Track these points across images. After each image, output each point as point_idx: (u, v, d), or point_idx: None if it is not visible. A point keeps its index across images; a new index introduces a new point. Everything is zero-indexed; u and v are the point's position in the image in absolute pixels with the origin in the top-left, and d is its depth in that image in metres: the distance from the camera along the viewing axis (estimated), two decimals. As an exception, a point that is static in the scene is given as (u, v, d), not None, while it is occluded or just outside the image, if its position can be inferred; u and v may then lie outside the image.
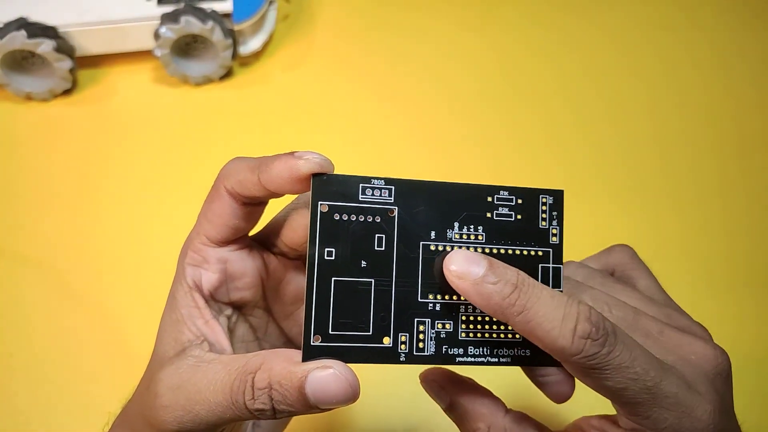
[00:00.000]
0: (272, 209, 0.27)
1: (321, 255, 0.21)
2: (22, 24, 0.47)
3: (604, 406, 0.24)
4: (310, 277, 0.21)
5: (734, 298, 0.44)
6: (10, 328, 0.42)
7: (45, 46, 0.47)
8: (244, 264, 0.25)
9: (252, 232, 0.26)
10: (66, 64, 0.49)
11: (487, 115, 0.53)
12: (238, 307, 0.26)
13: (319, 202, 0.22)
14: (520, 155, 0.51)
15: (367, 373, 0.22)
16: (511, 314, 0.21)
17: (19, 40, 0.47)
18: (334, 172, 0.22)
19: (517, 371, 0.25)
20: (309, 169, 0.21)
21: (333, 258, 0.21)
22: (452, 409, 0.25)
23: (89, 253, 0.45)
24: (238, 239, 0.25)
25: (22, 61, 0.49)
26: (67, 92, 0.51)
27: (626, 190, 0.49)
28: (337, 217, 0.22)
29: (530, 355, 0.23)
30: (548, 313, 0.20)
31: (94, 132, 0.50)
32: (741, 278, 0.45)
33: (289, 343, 0.28)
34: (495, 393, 0.25)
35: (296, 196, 0.26)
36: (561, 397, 0.25)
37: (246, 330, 0.27)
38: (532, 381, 0.25)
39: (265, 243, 0.26)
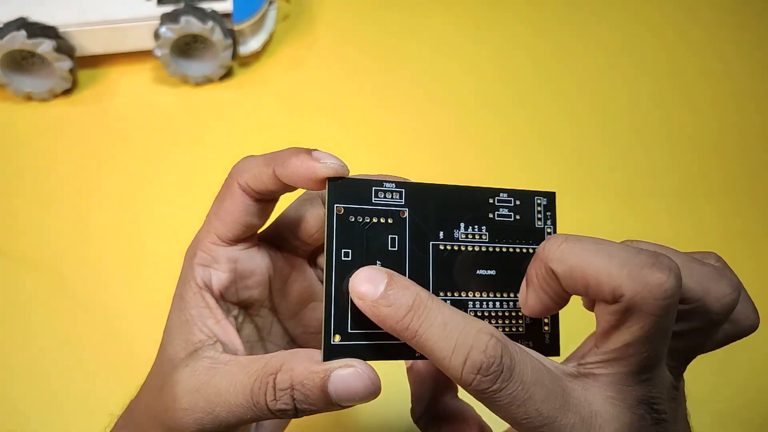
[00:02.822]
0: (278, 209, 0.27)
1: (338, 256, 0.22)
2: (22, 24, 0.47)
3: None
4: (329, 278, 0.22)
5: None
6: (10, 328, 0.42)
7: (45, 46, 0.47)
8: (253, 262, 0.25)
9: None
10: (66, 64, 0.49)
11: (484, 115, 0.53)
12: (245, 307, 0.27)
13: (335, 205, 0.22)
14: (516, 155, 0.51)
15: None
16: (405, 338, 0.20)
17: (19, 40, 0.47)
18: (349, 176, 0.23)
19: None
20: (326, 173, 0.22)
21: (350, 258, 0.22)
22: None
23: (89, 252, 0.45)
24: (248, 238, 0.25)
25: (22, 61, 0.49)
26: (67, 92, 0.51)
27: (635, 190, 0.50)
28: (352, 218, 0.22)
29: (532, 347, 0.23)
30: (439, 342, 0.20)
31: (94, 132, 0.50)
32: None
33: (293, 343, 0.28)
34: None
35: (305, 191, 0.26)
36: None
37: (251, 330, 0.27)
38: None
39: (274, 240, 0.27)
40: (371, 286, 0.21)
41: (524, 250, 0.24)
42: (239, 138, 0.50)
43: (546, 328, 0.25)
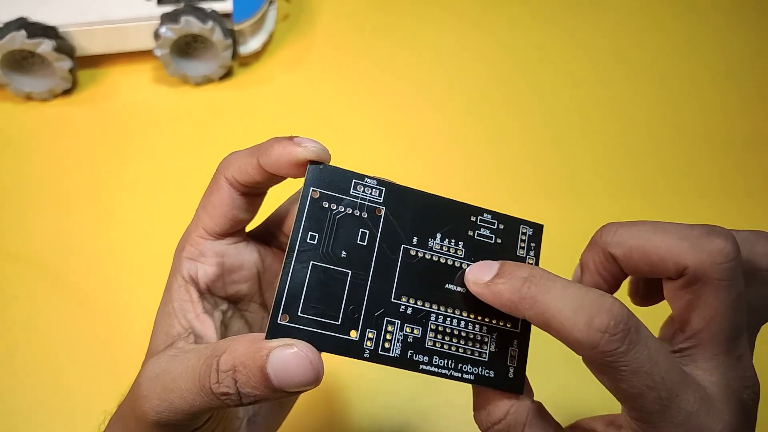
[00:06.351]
0: (269, 208, 0.27)
1: (304, 237, 0.22)
2: (22, 24, 0.47)
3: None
4: (289, 256, 0.21)
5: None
6: (9, 327, 0.42)
7: (45, 46, 0.47)
8: (241, 257, 0.25)
9: (249, 228, 0.26)
10: (66, 64, 0.49)
11: (485, 117, 0.53)
12: (234, 302, 0.26)
13: (311, 188, 0.22)
14: (522, 155, 0.51)
15: (364, 370, 0.22)
16: (524, 308, 0.20)
17: (19, 40, 0.47)
18: (331, 164, 0.23)
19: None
20: (306, 156, 0.22)
21: (315, 242, 0.22)
22: None
23: (89, 252, 0.45)
24: (236, 232, 0.25)
25: (22, 61, 0.49)
26: (67, 92, 0.51)
27: (629, 191, 0.49)
28: (326, 204, 0.22)
29: (493, 377, 0.23)
30: (561, 304, 0.19)
31: (94, 132, 0.50)
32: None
33: None
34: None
35: (297, 190, 0.26)
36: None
37: (242, 325, 0.27)
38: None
39: (264, 237, 0.27)
40: (485, 271, 0.21)
41: None
42: (239, 138, 0.50)
43: (511, 362, 0.23)
